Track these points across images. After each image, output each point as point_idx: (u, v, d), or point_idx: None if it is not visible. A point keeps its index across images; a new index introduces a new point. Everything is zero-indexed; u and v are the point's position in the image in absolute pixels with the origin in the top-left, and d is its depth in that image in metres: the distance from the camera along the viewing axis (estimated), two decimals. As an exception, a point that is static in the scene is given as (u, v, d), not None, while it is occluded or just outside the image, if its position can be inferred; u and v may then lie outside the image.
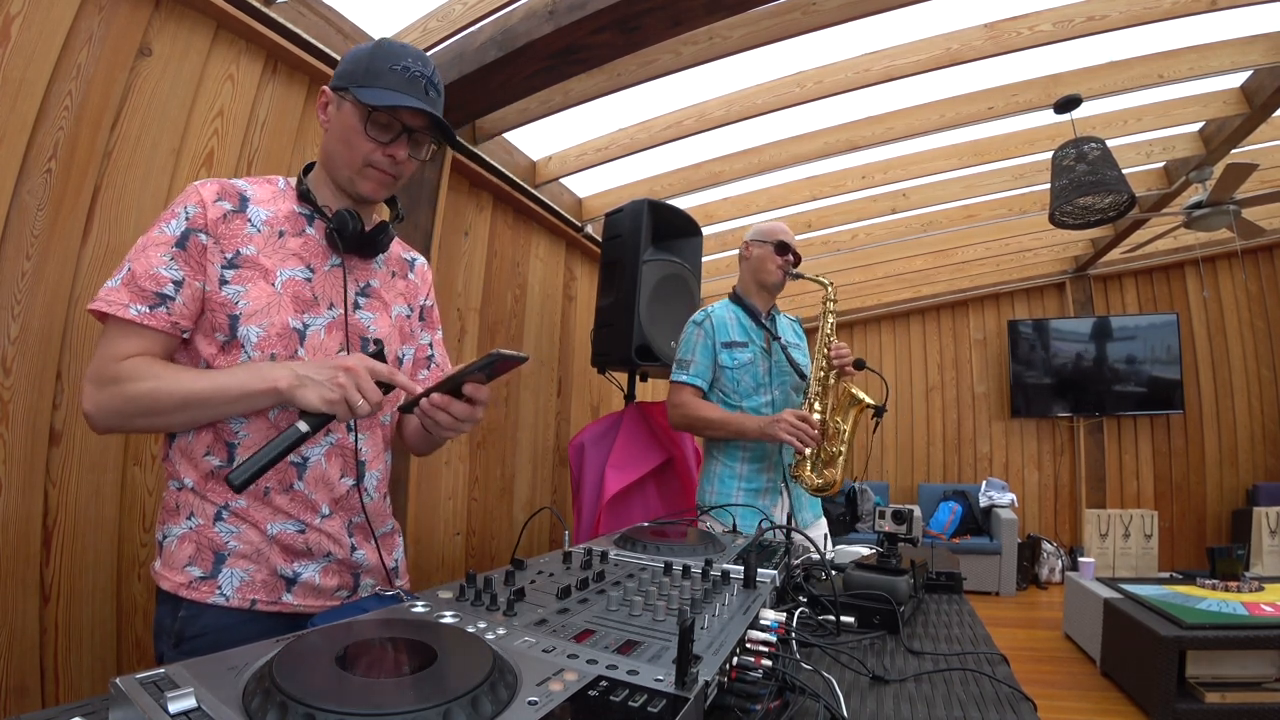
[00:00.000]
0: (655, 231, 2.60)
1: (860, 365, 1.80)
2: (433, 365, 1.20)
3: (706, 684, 0.53)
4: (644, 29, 1.83)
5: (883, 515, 1.19)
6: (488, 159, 2.57)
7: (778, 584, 0.93)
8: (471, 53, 2.01)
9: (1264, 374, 5.28)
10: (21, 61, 1.26)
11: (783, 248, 1.91)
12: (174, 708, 0.41)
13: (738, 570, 0.89)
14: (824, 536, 1.93)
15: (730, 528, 1.48)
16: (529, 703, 0.46)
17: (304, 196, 1.00)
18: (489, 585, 0.74)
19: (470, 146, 2.47)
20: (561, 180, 3.08)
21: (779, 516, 1.83)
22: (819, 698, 0.63)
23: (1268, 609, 2.71)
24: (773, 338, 1.91)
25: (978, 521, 5.37)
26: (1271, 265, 5.31)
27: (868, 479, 6.16)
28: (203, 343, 0.91)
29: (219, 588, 0.91)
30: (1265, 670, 2.60)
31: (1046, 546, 5.30)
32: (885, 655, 0.87)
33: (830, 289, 1.88)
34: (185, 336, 0.91)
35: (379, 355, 0.89)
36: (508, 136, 2.70)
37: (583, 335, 3.40)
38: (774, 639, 0.69)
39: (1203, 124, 3.32)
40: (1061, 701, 2.92)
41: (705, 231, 3.05)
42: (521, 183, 2.82)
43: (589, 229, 3.39)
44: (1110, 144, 2.76)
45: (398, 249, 1.15)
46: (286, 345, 0.93)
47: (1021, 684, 0.75)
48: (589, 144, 2.90)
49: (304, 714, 0.41)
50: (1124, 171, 2.75)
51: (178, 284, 0.88)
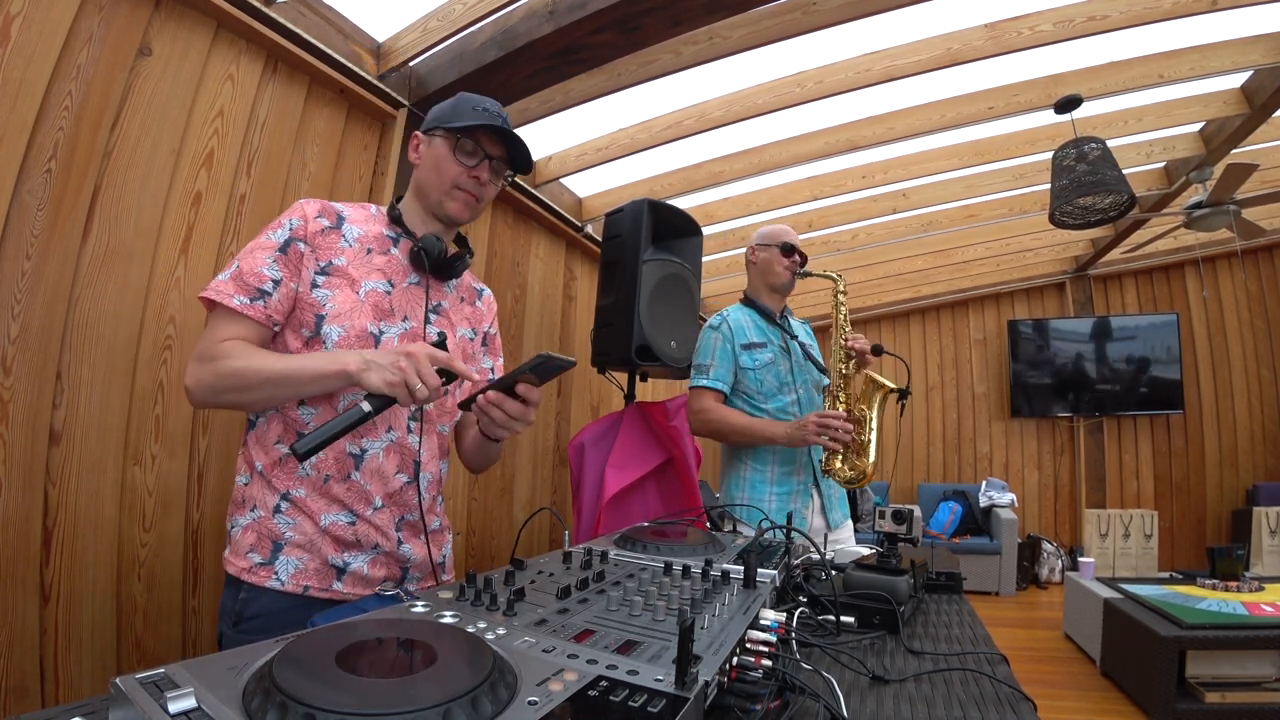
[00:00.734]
0: (655, 231, 2.60)
1: (878, 351, 1.79)
2: None
3: (706, 684, 0.53)
4: (644, 29, 1.83)
5: (883, 515, 1.19)
6: (488, 159, 2.56)
7: (778, 584, 0.93)
8: (471, 53, 2.01)
9: (1264, 374, 5.29)
10: (21, 61, 1.26)
11: (788, 249, 1.92)
12: (174, 708, 0.41)
13: (738, 570, 0.89)
14: (851, 537, 1.94)
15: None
16: (529, 703, 0.46)
17: (396, 220, 1.13)
18: (489, 585, 0.74)
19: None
20: (561, 180, 3.08)
21: (811, 518, 1.83)
22: (819, 698, 0.63)
23: (1268, 609, 2.71)
24: (790, 336, 1.91)
25: (978, 521, 5.37)
26: (1271, 265, 5.32)
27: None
28: (290, 337, 1.03)
29: (275, 573, 1.00)
30: (1265, 670, 2.60)
31: (1046, 546, 5.31)
32: (885, 655, 0.87)
33: (840, 281, 1.89)
34: (276, 330, 1.03)
35: (441, 345, 0.96)
36: (508, 136, 2.69)
37: (583, 335, 3.40)
38: (774, 639, 0.69)
39: (1203, 124, 3.32)
40: (1061, 701, 2.92)
41: (705, 231, 3.05)
42: (521, 182, 2.82)
43: (589, 229, 3.39)
44: (1110, 144, 2.76)
45: (469, 278, 1.27)
46: (363, 347, 1.04)
47: (1021, 684, 0.76)
48: (589, 144, 2.90)
49: (304, 714, 0.41)
50: (1124, 171, 2.75)
51: (276, 283, 1.00)
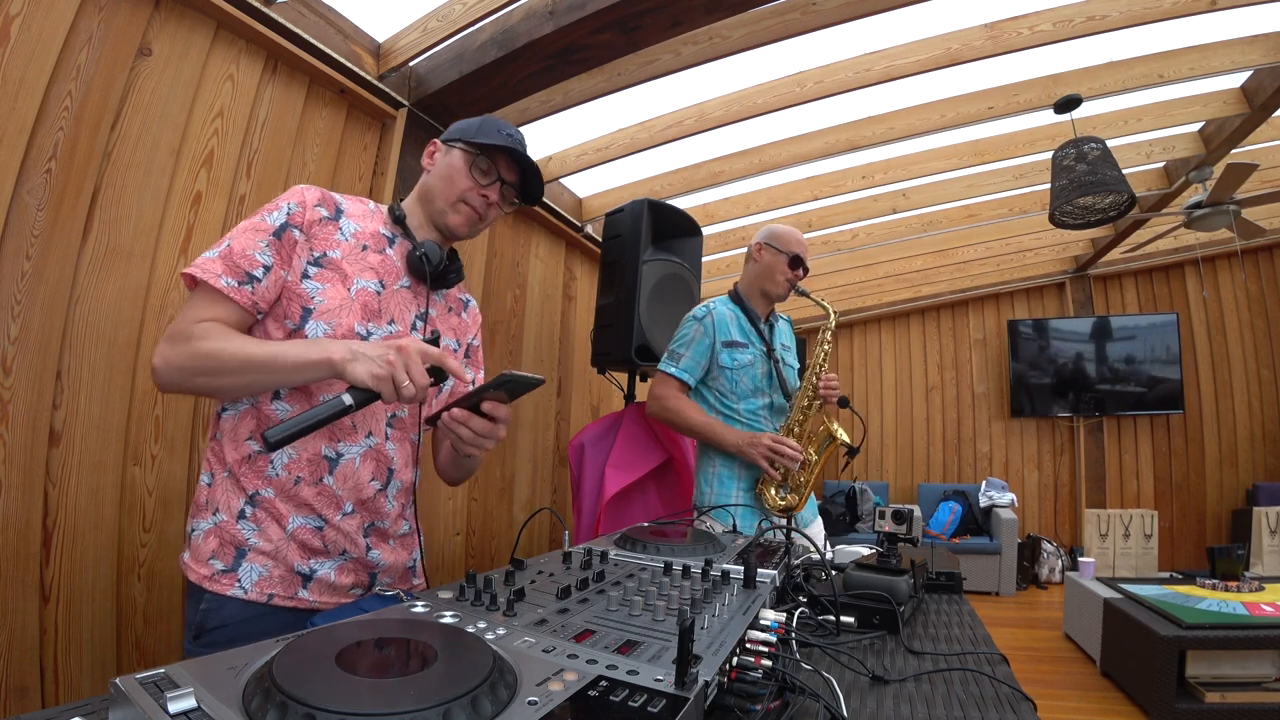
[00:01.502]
0: (655, 231, 2.60)
1: (844, 403, 1.83)
2: None
3: (706, 684, 0.53)
4: (644, 29, 1.83)
5: (883, 515, 1.19)
6: (488, 159, 2.56)
7: (778, 584, 0.93)
8: (471, 53, 2.01)
9: (1264, 374, 5.29)
10: (21, 61, 1.26)
11: (797, 262, 1.87)
12: (174, 708, 0.41)
13: (738, 570, 0.89)
14: (822, 536, 1.93)
15: (730, 528, 1.48)
16: (529, 703, 0.46)
17: (397, 220, 1.11)
18: (489, 585, 0.74)
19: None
20: (561, 180, 3.08)
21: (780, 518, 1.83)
22: (819, 698, 0.63)
23: (1268, 609, 2.71)
24: (770, 348, 1.90)
25: (978, 521, 5.37)
26: (1271, 265, 5.32)
27: (868, 479, 6.17)
28: (273, 327, 0.98)
29: (238, 580, 0.95)
30: (1265, 670, 2.60)
31: (1046, 546, 5.31)
32: (885, 655, 0.87)
33: (831, 318, 1.87)
34: (259, 318, 0.98)
35: (433, 342, 0.92)
36: (508, 136, 2.69)
37: (583, 335, 3.40)
38: (774, 639, 0.69)
39: (1203, 124, 3.32)
40: (1061, 701, 2.92)
41: (705, 231, 3.05)
42: (521, 183, 2.81)
43: (589, 229, 3.39)
44: (1110, 144, 2.76)
45: (455, 290, 1.25)
46: None
47: (1021, 684, 0.76)
48: (589, 144, 2.90)
49: (304, 714, 0.41)
50: (1124, 171, 2.75)
51: (266, 268, 0.96)
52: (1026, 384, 5.70)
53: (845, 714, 0.64)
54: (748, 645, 0.67)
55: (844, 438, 1.75)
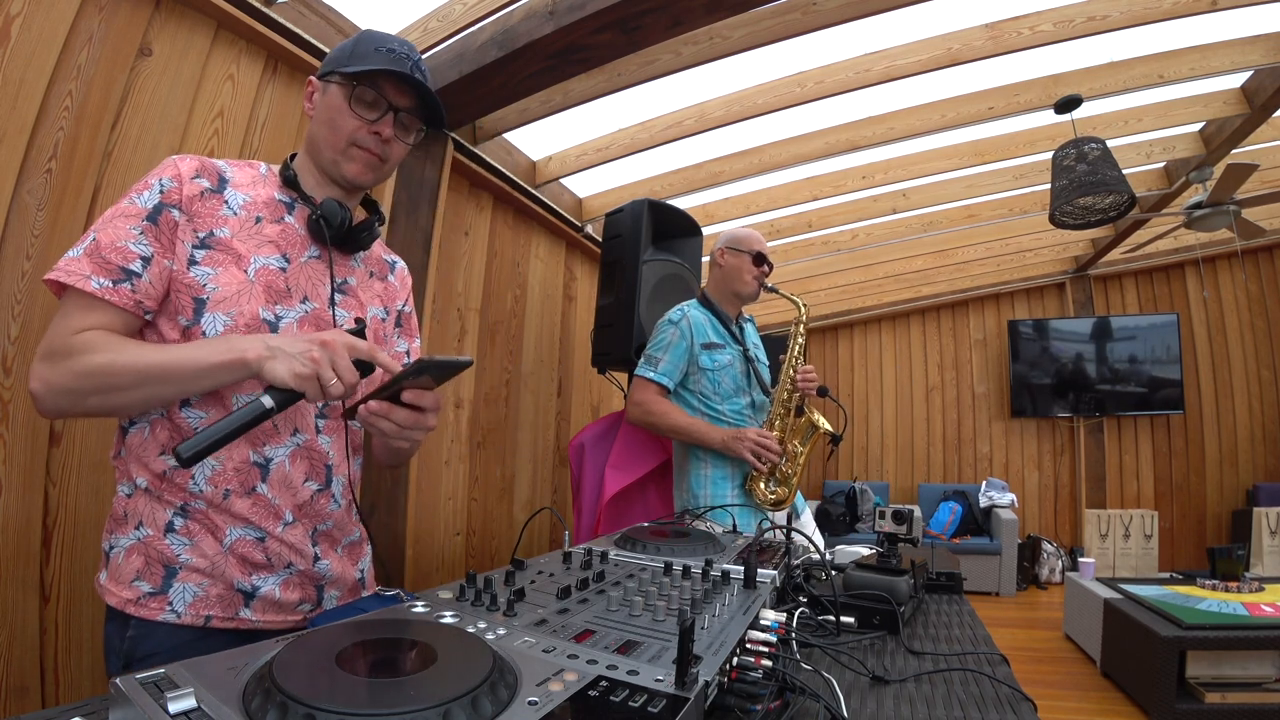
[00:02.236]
0: (655, 231, 2.60)
1: (824, 393, 1.85)
2: None
3: (706, 684, 0.53)
4: (644, 29, 1.83)
5: (883, 515, 1.19)
6: (488, 159, 2.57)
7: (778, 584, 0.93)
8: (472, 53, 2.01)
9: (1264, 374, 5.29)
10: (21, 61, 1.26)
11: (760, 259, 1.90)
12: (174, 708, 0.41)
13: (738, 570, 0.89)
14: (812, 525, 1.94)
15: (730, 528, 1.48)
16: (529, 703, 0.46)
17: (289, 183, 0.95)
18: (489, 585, 0.74)
19: (470, 147, 2.47)
20: (561, 180, 3.08)
21: (778, 518, 1.83)
22: (819, 698, 0.63)
23: (1268, 609, 2.71)
24: (745, 348, 1.91)
25: (978, 521, 5.37)
26: (1271, 265, 5.32)
27: (868, 479, 6.17)
28: (166, 326, 0.85)
29: (169, 604, 0.84)
30: (1265, 670, 2.60)
31: (1046, 547, 5.31)
32: (885, 655, 0.87)
33: (804, 311, 1.89)
34: (148, 318, 0.84)
35: (359, 333, 0.83)
36: (508, 136, 2.70)
37: (583, 335, 3.40)
38: (774, 639, 0.69)
39: (1203, 124, 3.32)
40: (1061, 702, 2.92)
41: (705, 231, 3.05)
42: (521, 183, 2.82)
43: (589, 229, 3.39)
44: (1110, 144, 2.76)
45: (378, 249, 1.10)
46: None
47: (1021, 684, 0.76)
48: (589, 144, 2.90)
49: (304, 714, 0.41)
50: (1124, 171, 2.75)
51: (145, 260, 0.82)
52: (1027, 384, 5.70)
53: (845, 714, 0.64)
54: (748, 645, 0.67)
55: (826, 426, 1.78)
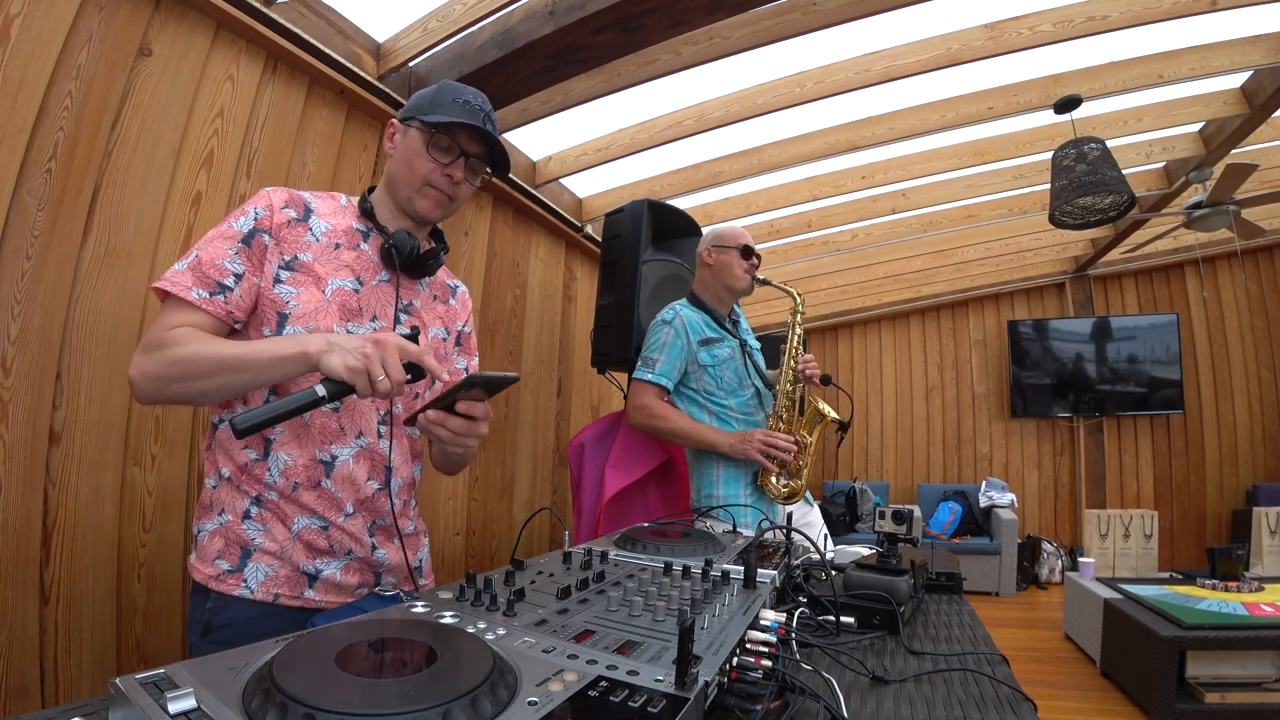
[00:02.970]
0: (655, 231, 2.60)
1: (827, 381, 1.83)
2: None
3: (706, 684, 0.53)
4: (644, 29, 1.83)
5: (883, 515, 1.19)
6: (488, 159, 2.56)
7: (778, 584, 0.93)
8: (471, 53, 2.01)
9: (1264, 374, 5.29)
10: (21, 61, 1.26)
11: (748, 251, 1.89)
12: (174, 708, 0.41)
13: (738, 570, 0.89)
14: (821, 533, 1.93)
15: (730, 528, 1.48)
16: (529, 703, 0.46)
17: (366, 213, 1.07)
18: (489, 585, 0.74)
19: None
20: (561, 180, 3.08)
21: (782, 518, 1.83)
22: (819, 698, 0.63)
23: (1268, 609, 2.71)
24: (742, 341, 1.91)
25: (978, 521, 5.37)
26: (1271, 265, 5.31)
27: (867, 479, 6.17)
28: (253, 335, 0.97)
29: (244, 581, 0.95)
30: (1265, 670, 2.60)
31: (1046, 547, 5.31)
32: (885, 655, 0.87)
33: (798, 300, 1.88)
34: (238, 327, 0.97)
35: (413, 339, 0.90)
36: (508, 136, 2.70)
37: (583, 335, 3.40)
38: (774, 639, 0.69)
39: (1203, 124, 3.32)
40: (1061, 702, 2.92)
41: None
42: (521, 183, 2.82)
43: (589, 229, 3.39)
44: (1110, 144, 2.76)
45: (442, 274, 1.21)
46: None
47: (1021, 684, 0.76)
48: (589, 144, 2.90)
49: (304, 714, 0.41)
50: (1124, 171, 2.76)
51: (238, 276, 0.94)
52: (1026, 384, 5.70)
53: (845, 714, 0.64)
54: (748, 645, 0.67)
55: (832, 414, 1.76)
